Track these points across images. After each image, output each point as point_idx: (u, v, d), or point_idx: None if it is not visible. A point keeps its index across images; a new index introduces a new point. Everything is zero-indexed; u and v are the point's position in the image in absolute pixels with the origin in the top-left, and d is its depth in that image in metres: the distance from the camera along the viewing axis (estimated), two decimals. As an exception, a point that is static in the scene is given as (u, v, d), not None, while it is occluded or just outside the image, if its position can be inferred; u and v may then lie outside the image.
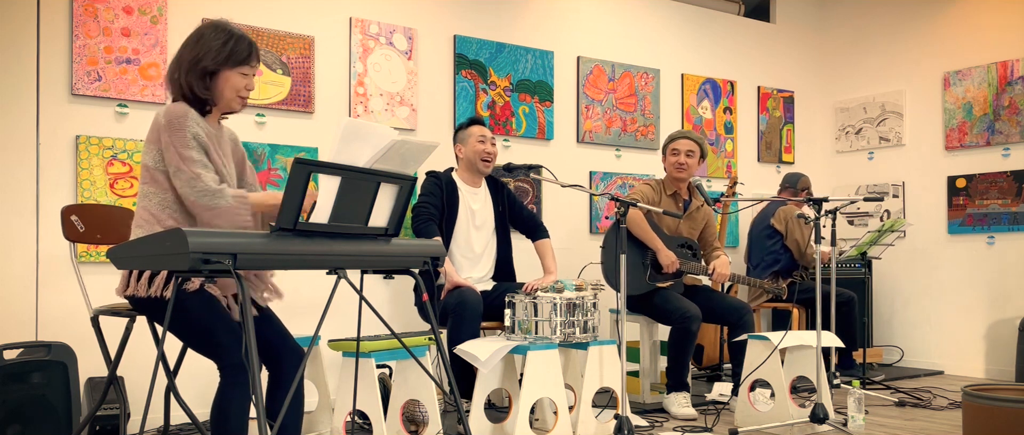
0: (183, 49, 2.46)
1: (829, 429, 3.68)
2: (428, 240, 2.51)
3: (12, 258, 3.56)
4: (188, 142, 2.33)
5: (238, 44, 2.45)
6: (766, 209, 5.33)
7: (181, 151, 2.33)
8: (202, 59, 2.42)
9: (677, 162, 4.29)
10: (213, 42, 2.43)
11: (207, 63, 2.42)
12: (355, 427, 3.66)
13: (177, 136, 2.33)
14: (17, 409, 3.14)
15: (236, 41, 2.46)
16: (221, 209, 2.32)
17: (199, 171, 2.32)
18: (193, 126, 2.36)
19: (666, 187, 4.38)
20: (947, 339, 5.73)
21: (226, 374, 2.31)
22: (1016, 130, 5.41)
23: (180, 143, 2.33)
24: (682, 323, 4.07)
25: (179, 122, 2.34)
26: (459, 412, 2.52)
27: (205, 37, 2.44)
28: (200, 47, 2.43)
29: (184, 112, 2.36)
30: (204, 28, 2.48)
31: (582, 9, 5.36)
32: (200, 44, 2.43)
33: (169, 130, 2.34)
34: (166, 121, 2.35)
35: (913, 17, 6.01)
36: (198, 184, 2.31)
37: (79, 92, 3.68)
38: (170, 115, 2.35)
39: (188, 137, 2.34)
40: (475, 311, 3.64)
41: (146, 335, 3.72)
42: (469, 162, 4.05)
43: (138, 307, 2.42)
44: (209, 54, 2.42)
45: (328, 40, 4.37)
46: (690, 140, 4.30)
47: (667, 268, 4.16)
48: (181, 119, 2.35)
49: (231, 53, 2.44)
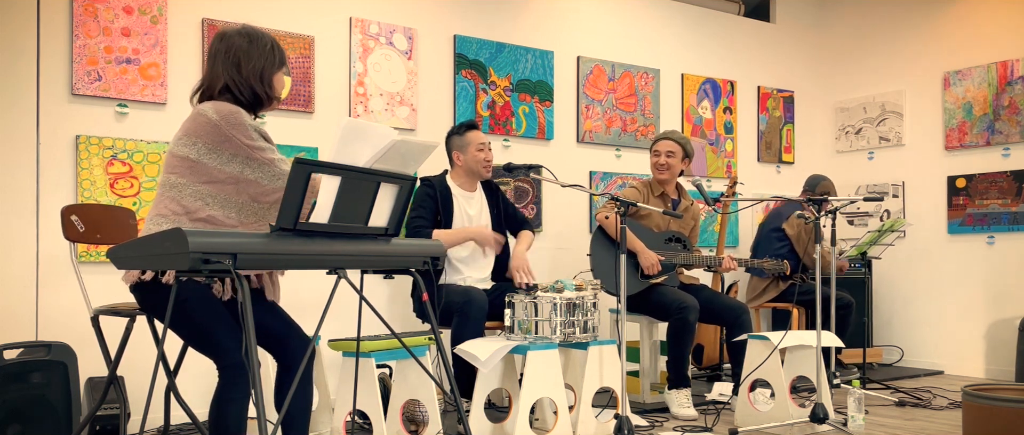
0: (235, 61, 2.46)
1: (829, 429, 3.68)
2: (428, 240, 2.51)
3: (12, 258, 3.56)
4: (251, 134, 2.37)
5: (278, 47, 2.55)
6: (781, 209, 5.31)
7: (248, 142, 2.36)
8: (263, 65, 2.48)
9: (657, 163, 4.38)
10: (264, 48, 2.50)
11: (267, 67, 2.49)
12: (355, 427, 3.66)
13: (240, 130, 2.36)
14: (17, 409, 3.14)
15: (277, 44, 2.55)
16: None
17: (272, 157, 2.39)
18: (248, 120, 2.40)
19: (653, 188, 4.42)
20: (947, 339, 5.73)
21: (225, 374, 2.32)
22: (1016, 130, 5.41)
23: (244, 135, 2.36)
24: (680, 314, 4.08)
25: (237, 117, 2.37)
26: (459, 412, 2.52)
27: (253, 45, 2.49)
28: (256, 56, 2.47)
29: (237, 109, 2.40)
30: (240, 38, 2.49)
31: (582, 9, 5.36)
32: (254, 52, 2.47)
33: (230, 125, 2.35)
34: (221, 117, 2.35)
35: (913, 17, 6.01)
36: (275, 169, 2.39)
37: (79, 92, 3.68)
38: (224, 110, 2.36)
39: (250, 130, 2.37)
40: (481, 310, 3.65)
41: (146, 335, 3.72)
42: (469, 169, 4.04)
43: (142, 299, 2.42)
44: (265, 58, 2.49)
45: (328, 40, 4.37)
46: (671, 141, 4.38)
47: (647, 270, 4.19)
48: (237, 115, 2.38)
49: (280, 55, 2.55)
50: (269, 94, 2.52)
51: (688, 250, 4.42)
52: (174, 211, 2.38)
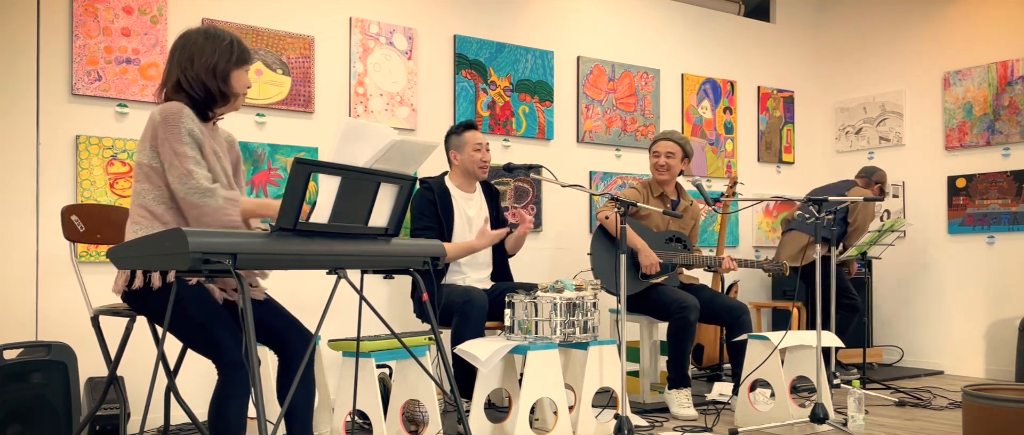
0: (189, 56, 2.48)
1: (829, 429, 3.68)
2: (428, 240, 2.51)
3: (12, 258, 3.56)
4: (182, 137, 2.36)
5: (240, 45, 2.55)
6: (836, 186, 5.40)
7: (175, 146, 2.35)
8: (218, 62, 2.48)
9: (657, 163, 4.37)
10: (220, 44, 2.50)
11: (223, 64, 2.49)
12: (355, 427, 3.66)
13: (172, 131, 2.36)
14: (17, 409, 3.14)
15: (238, 42, 2.55)
16: (209, 209, 2.33)
17: (192, 167, 2.35)
18: (188, 122, 2.38)
19: (652, 188, 4.42)
20: (947, 339, 5.73)
21: (224, 373, 2.32)
22: (1016, 130, 5.41)
23: (174, 138, 2.35)
24: (680, 313, 4.08)
25: (174, 118, 2.37)
26: (459, 412, 2.52)
27: (209, 41, 2.49)
28: (209, 51, 2.48)
29: (180, 109, 2.39)
30: (199, 36, 2.51)
31: (582, 9, 5.36)
32: (208, 48, 2.48)
33: (165, 125, 2.36)
34: (162, 117, 2.37)
35: (913, 17, 6.01)
36: (190, 181, 2.34)
37: (79, 92, 3.68)
38: (166, 112, 2.38)
39: (183, 133, 2.36)
40: (481, 310, 3.65)
41: (146, 335, 3.72)
42: (465, 169, 4.04)
43: (133, 305, 2.42)
44: (222, 56, 2.49)
45: (328, 40, 4.37)
46: (671, 141, 4.38)
47: (646, 270, 4.20)
48: (176, 115, 2.37)
49: (239, 52, 2.53)
50: (224, 90, 2.50)
51: (688, 250, 4.43)
52: (144, 216, 2.40)
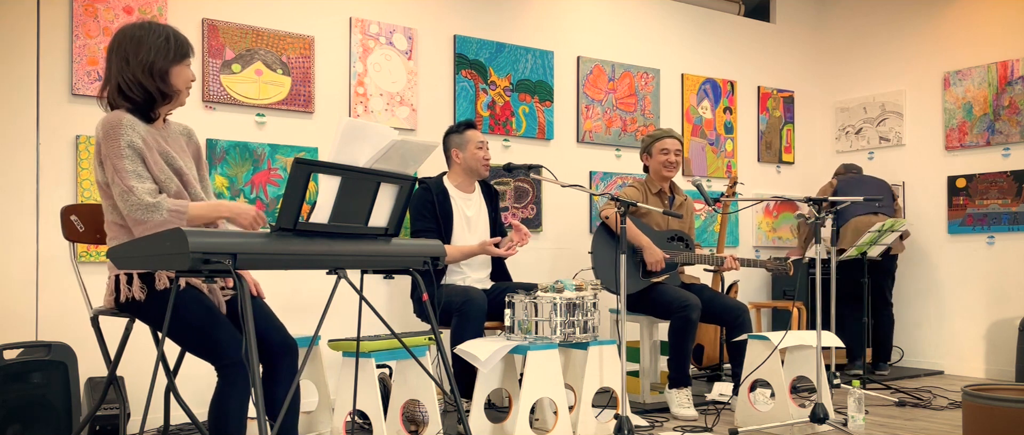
0: (123, 56, 2.42)
1: (829, 429, 3.68)
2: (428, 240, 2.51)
3: (12, 258, 3.56)
4: (122, 152, 2.32)
5: (177, 39, 2.46)
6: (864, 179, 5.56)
7: (115, 162, 2.31)
8: (155, 61, 2.41)
9: (667, 161, 4.36)
10: (156, 42, 2.42)
11: (160, 62, 2.42)
12: (355, 427, 3.66)
13: (112, 146, 2.32)
14: (17, 409, 3.14)
15: (175, 36, 2.46)
16: (153, 223, 2.30)
17: (132, 183, 2.31)
18: (127, 134, 2.34)
19: (651, 186, 4.42)
20: (947, 339, 5.73)
21: (223, 373, 2.31)
22: (1016, 130, 5.41)
23: (115, 154, 2.32)
24: (682, 312, 4.07)
25: (114, 132, 2.33)
26: (459, 412, 2.52)
27: (145, 39, 2.42)
28: (145, 50, 2.41)
29: (117, 120, 2.35)
30: (134, 32, 2.44)
31: (582, 9, 5.36)
32: (144, 47, 2.41)
33: (106, 141, 2.33)
34: (103, 133, 2.34)
35: (913, 17, 6.01)
36: (131, 198, 2.30)
37: (79, 92, 3.68)
38: (106, 126, 2.34)
39: (122, 146, 2.32)
40: (480, 310, 3.65)
41: (146, 335, 3.71)
42: (468, 167, 4.04)
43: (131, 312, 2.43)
44: (159, 54, 2.42)
45: (328, 40, 4.37)
46: (677, 139, 4.40)
47: (651, 267, 4.19)
48: (115, 128, 2.33)
49: (177, 48, 2.45)
50: (164, 89, 2.43)
51: (690, 249, 4.43)
52: (117, 235, 2.41)
